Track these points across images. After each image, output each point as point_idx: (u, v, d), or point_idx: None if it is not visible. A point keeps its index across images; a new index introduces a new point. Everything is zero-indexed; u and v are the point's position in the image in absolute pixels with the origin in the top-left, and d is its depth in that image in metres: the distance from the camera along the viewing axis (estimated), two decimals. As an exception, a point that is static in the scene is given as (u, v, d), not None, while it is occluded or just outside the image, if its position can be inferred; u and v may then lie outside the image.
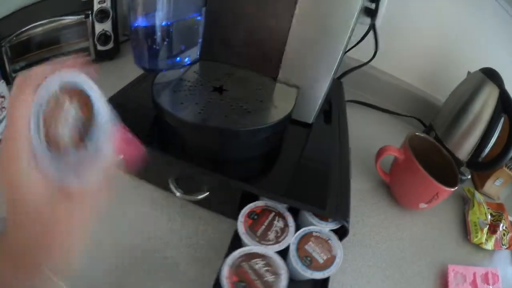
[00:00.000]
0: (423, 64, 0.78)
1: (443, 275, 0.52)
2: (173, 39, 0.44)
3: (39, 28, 0.65)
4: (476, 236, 0.59)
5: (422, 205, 0.55)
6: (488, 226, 0.61)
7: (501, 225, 0.63)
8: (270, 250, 0.38)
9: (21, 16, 0.66)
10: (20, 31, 0.64)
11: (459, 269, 0.54)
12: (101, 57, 0.71)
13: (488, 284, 0.55)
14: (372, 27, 0.64)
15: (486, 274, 0.56)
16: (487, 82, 0.63)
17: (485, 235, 0.59)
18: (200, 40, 0.48)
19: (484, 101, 0.63)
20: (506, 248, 0.61)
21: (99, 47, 0.70)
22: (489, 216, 0.64)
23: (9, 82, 0.64)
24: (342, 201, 0.43)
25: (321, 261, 0.39)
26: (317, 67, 0.46)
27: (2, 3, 0.65)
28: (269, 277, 0.36)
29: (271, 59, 0.46)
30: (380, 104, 0.81)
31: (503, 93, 0.62)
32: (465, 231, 0.61)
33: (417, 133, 0.57)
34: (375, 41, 0.66)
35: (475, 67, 0.67)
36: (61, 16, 0.66)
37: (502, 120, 0.62)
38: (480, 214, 0.63)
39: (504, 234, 0.63)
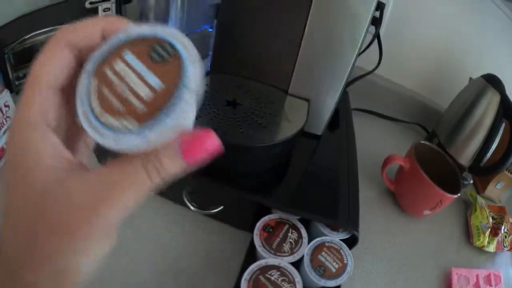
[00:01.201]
0: (426, 71, 0.79)
1: (447, 278, 0.54)
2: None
3: (42, 35, 0.65)
4: (479, 240, 0.61)
5: (426, 212, 0.56)
6: (489, 229, 0.62)
7: (503, 227, 0.64)
8: (285, 261, 0.39)
9: (24, 23, 0.65)
10: (23, 38, 0.64)
11: (462, 272, 0.56)
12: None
13: (491, 285, 0.57)
14: (377, 35, 0.65)
15: (489, 276, 0.58)
16: (488, 88, 0.64)
17: (487, 238, 0.61)
18: (210, 53, 0.49)
19: (485, 107, 0.64)
20: (508, 250, 0.63)
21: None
22: (491, 219, 0.65)
23: (12, 90, 0.63)
24: (352, 211, 0.44)
25: (333, 270, 0.40)
26: (328, 79, 0.47)
27: (5, 10, 0.65)
28: (287, 286, 0.37)
29: (282, 72, 0.47)
30: (383, 111, 0.82)
31: (504, 99, 0.63)
32: (468, 234, 0.63)
33: (422, 142, 0.59)
34: (379, 49, 0.66)
35: (477, 73, 0.68)
36: (65, 23, 0.66)
37: (503, 125, 0.63)
38: (482, 218, 0.64)
39: (505, 236, 0.65)
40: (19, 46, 0.64)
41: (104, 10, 0.67)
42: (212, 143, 0.17)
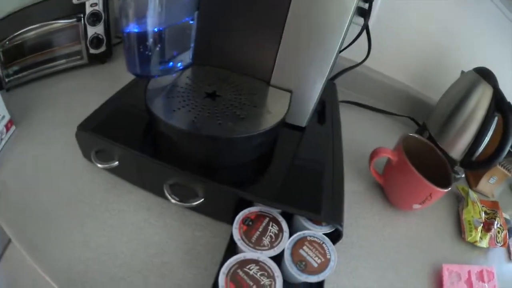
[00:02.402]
0: (417, 64, 0.78)
1: (438, 274, 0.53)
2: (165, 45, 0.43)
3: (31, 32, 0.65)
4: (471, 235, 0.60)
5: (416, 206, 0.55)
6: (482, 224, 0.61)
7: (496, 222, 0.63)
8: (264, 255, 0.38)
9: (13, 20, 0.65)
10: (13, 35, 0.63)
11: (453, 268, 0.55)
12: (93, 61, 0.71)
13: (483, 281, 0.56)
14: (365, 27, 0.64)
15: (481, 272, 0.57)
16: (480, 82, 0.63)
17: (479, 233, 0.60)
18: (192, 45, 0.48)
19: (477, 100, 0.63)
20: (501, 246, 0.62)
21: (92, 51, 0.69)
22: (483, 214, 0.64)
23: (2, 87, 0.63)
24: (336, 205, 0.43)
25: (315, 265, 0.39)
26: (310, 70, 0.46)
27: (-7, 8, 0.65)
28: (265, 281, 0.36)
29: (263, 63, 0.46)
30: (374, 104, 0.81)
31: (497, 92, 0.62)
32: (460, 229, 0.62)
33: (411, 134, 0.58)
34: (368, 41, 0.66)
35: (469, 66, 0.67)
36: (53, 20, 0.66)
37: (495, 119, 0.62)
38: (474, 213, 0.63)
39: (498, 232, 0.64)
40: (9, 43, 0.64)
41: (91, 5, 0.66)
42: None
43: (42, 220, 0.44)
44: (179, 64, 0.46)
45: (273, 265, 0.38)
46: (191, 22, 0.47)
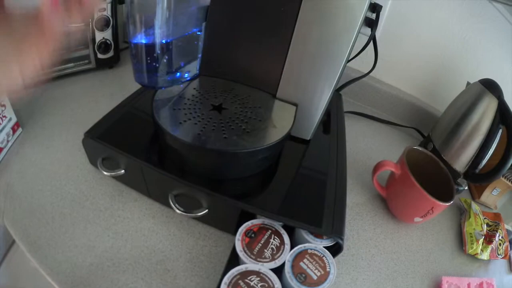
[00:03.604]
0: (423, 75, 0.78)
1: (437, 286, 0.53)
2: (173, 56, 0.44)
3: (40, 35, 0.66)
4: (472, 247, 0.60)
5: (417, 219, 0.56)
6: (484, 237, 0.62)
7: (497, 235, 0.63)
8: (265, 267, 0.39)
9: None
10: (21, 38, 0.64)
11: (453, 281, 0.55)
12: (101, 66, 0.71)
13: (482, 293, 0.56)
14: (372, 37, 0.64)
15: (481, 284, 0.57)
16: (486, 93, 0.63)
17: (480, 246, 0.60)
18: (199, 56, 0.49)
19: (482, 112, 0.63)
20: (502, 258, 0.62)
21: (99, 55, 0.70)
22: (485, 226, 0.64)
23: (10, 89, 0.64)
24: (337, 219, 0.43)
25: (315, 277, 0.40)
26: (317, 82, 0.46)
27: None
28: None
29: (270, 76, 0.47)
30: (380, 115, 0.81)
31: (502, 104, 0.62)
32: (461, 242, 0.62)
33: (414, 147, 0.58)
34: (375, 51, 0.66)
35: (475, 78, 0.67)
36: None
37: (500, 131, 0.62)
38: (476, 225, 0.63)
39: (500, 244, 0.64)
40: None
41: (100, 10, 0.67)
42: None
43: (46, 223, 0.45)
44: (186, 75, 0.47)
45: (273, 277, 0.38)
46: (199, 33, 0.47)
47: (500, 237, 0.64)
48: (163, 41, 0.42)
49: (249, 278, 0.38)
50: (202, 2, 0.46)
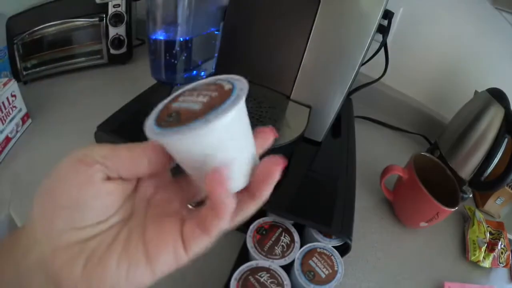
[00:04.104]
0: (432, 82, 0.79)
1: (441, 292, 0.54)
2: (191, 53, 0.44)
3: (52, 27, 0.66)
4: (474, 255, 0.60)
5: (423, 224, 0.56)
6: (486, 245, 0.62)
7: (500, 243, 0.64)
8: (275, 264, 0.39)
9: (35, 14, 0.66)
10: (33, 29, 0.65)
11: (455, 286, 0.55)
12: (113, 61, 0.72)
13: (483, 301, 0.57)
14: (384, 44, 0.65)
15: (482, 291, 0.58)
16: (493, 103, 0.64)
17: (483, 253, 0.61)
18: (216, 54, 0.49)
19: (489, 121, 0.64)
20: (504, 266, 0.63)
21: (112, 51, 0.71)
22: (488, 235, 0.65)
23: (19, 79, 0.65)
24: (346, 220, 0.44)
25: (323, 275, 0.40)
26: (331, 86, 0.47)
27: (16, 0, 0.66)
28: None
29: (285, 77, 0.47)
30: (388, 121, 0.81)
31: (508, 114, 0.63)
32: (464, 249, 0.63)
33: (422, 153, 0.58)
34: (386, 58, 0.67)
35: (483, 86, 0.68)
36: (75, 17, 0.67)
37: (506, 141, 0.63)
38: (480, 232, 0.64)
39: (502, 253, 0.65)
40: (29, 37, 0.65)
41: (114, 6, 0.68)
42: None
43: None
44: (202, 73, 0.48)
45: (283, 273, 0.39)
46: (216, 32, 0.48)
47: (502, 246, 0.65)
48: (182, 38, 0.43)
49: (259, 274, 0.38)
50: (220, 2, 0.47)
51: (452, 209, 0.53)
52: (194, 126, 0.17)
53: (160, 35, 0.43)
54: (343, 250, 0.44)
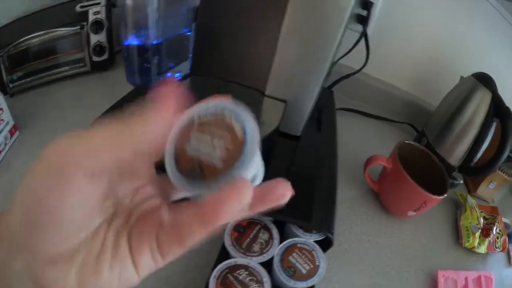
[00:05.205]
0: (416, 70, 0.78)
1: (433, 281, 0.53)
2: (163, 56, 0.45)
3: (36, 38, 0.67)
4: (468, 241, 0.60)
5: (411, 213, 0.56)
6: (480, 230, 0.61)
7: (495, 228, 0.63)
8: (254, 262, 0.39)
9: (18, 26, 0.67)
10: (18, 41, 0.65)
11: (449, 274, 0.55)
12: (96, 68, 0.72)
13: (480, 287, 0.56)
14: (364, 34, 0.64)
15: (479, 277, 0.57)
16: (479, 87, 0.63)
17: (477, 239, 0.60)
18: (190, 55, 0.50)
19: (476, 105, 0.63)
20: (501, 251, 0.62)
21: (94, 58, 0.71)
22: (482, 220, 0.64)
23: (6, 92, 0.65)
24: (327, 213, 0.44)
25: (304, 271, 0.40)
26: (305, 79, 0.47)
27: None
28: (254, 286, 0.37)
29: (259, 73, 0.47)
30: (373, 111, 0.81)
31: (495, 97, 0.62)
32: (457, 236, 0.62)
33: (407, 141, 0.58)
34: (366, 48, 0.66)
35: (468, 72, 0.67)
36: (57, 27, 0.67)
37: (494, 124, 0.62)
38: (472, 218, 0.63)
39: (497, 237, 0.64)
40: (14, 49, 0.66)
41: (94, 13, 0.68)
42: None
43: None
44: (177, 75, 0.48)
45: (262, 270, 0.39)
46: (189, 33, 0.48)
47: (498, 230, 0.64)
48: (154, 42, 0.43)
49: (238, 272, 0.38)
50: (191, 3, 0.47)
51: (440, 197, 0.53)
52: (220, 184, 0.19)
53: (132, 41, 0.43)
54: (326, 244, 0.44)
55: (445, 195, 0.53)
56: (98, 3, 0.68)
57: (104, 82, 0.71)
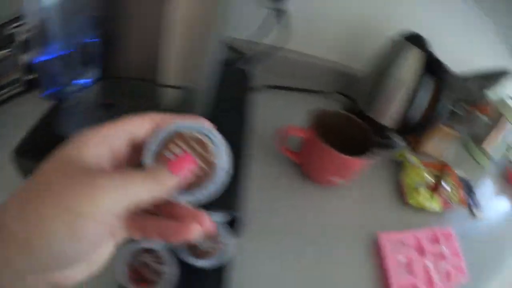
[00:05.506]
0: (345, 39, 0.76)
1: (377, 245, 0.52)
2: (72, 66, 0.46)
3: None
4: (412, 197, 0.58)
5: (337, 180, 0.54)
6: (427, 186, 0.60)
7: (443, 183, 0.61)
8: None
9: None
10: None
11: (393, 236, 0.53)
12: (30, 87, 0.74)
13: (438, 243, 0.54)
14: (277, 10, 0.63)
15: (434, 235, 0.55)
16: (409, 46, 0.61)
17: (423, 196, 0.58)
18: (98, 61, 0.50)
19: (406, 65, 0.61)
20: (459, 205, 0.61)
21: (27, 77, 0.73)
22: (430, 176, 0.62)
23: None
24: (232, 193, 0.43)
25: (208, 250, 0.40)
26: (196, 62, 0.46)
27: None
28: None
29: (150, 63, 0.48)
30: (306, 86, 0.77)
31: (428, 55, 0.60)
32: (401, 196, 0.60)
33: (321, 108, 0.56)
34: (284, 24, 0.65)
35: (396, 30, 0.65)
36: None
37: (432, 82, 0.60)
38: (417, 176, 0.62)
39: (452, 192, 0.62)
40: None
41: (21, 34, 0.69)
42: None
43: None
44: (87, 81, 0.49)
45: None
46: (94, 40, 0.49)
47: (450, 185, 0.63)
48: (61, 53, 0.45)
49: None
50: (90, 11, 0.48)
51: (363, 159, 0.51)
52: (207, 192, 0.23)
53: (39, 57, 0.45)
54: (236, 225, 0.43)
55: (368, 155, 0.51)
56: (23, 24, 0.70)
57: (38, 100, 0.72)
